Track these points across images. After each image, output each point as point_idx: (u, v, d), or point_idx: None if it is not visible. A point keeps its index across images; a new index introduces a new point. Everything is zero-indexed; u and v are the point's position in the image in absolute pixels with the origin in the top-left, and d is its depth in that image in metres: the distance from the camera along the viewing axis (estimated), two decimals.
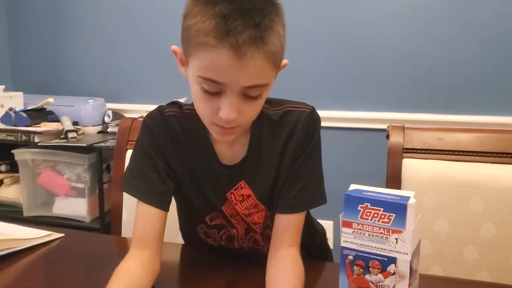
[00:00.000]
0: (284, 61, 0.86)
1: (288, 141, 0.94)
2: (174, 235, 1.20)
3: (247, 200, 0.96)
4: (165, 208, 0.92)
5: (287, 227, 0.93)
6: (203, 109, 0.83)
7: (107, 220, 2.23)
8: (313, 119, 0.95)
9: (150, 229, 0.89)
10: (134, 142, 1.35)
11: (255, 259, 0.98)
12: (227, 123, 0.81)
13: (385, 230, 0.67)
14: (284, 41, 0.81)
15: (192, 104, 0.96)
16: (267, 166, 0.95)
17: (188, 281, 0.95)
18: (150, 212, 0.90)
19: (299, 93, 0.96)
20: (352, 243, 0.70)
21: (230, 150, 0.95)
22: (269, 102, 0.95)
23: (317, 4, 2.25)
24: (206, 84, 0.78)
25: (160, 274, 0.87)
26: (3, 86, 2.53)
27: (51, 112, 2.48)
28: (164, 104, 0.99)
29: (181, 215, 1.09)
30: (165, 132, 0.94)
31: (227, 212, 0.97)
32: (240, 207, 0.96)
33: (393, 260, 0.67)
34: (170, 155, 0.94)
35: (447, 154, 1.20)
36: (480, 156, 1.18)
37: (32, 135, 2.26)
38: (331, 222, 2.07)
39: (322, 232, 1.23)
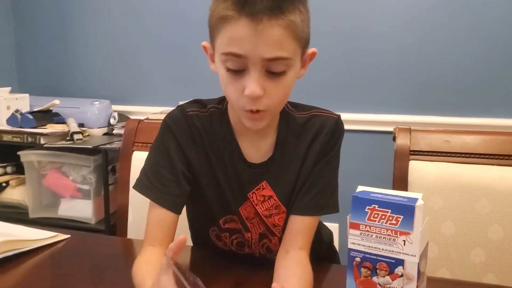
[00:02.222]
0: (312, 49, 0.88)
1: (312, 144, 0.95)
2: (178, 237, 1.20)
3: (268, 201, 0.96)
4: (178, 211, 0.92)
5: (301, 229, 0.93)
6: (230, 92, 0.84)
7: (113, 222, 2.23)
8: (339, 126, 0.96)
9: (162, 231, 0.90)
10: (140, 144, 1.38)
11: (261, 262, 0.98)
12: (253, 103, 0.81)
13: (393, 232, 0.67)
14: (307, 22, 0.83)
15: (217, 101, 0.97)
16: (290, 168, 0.95)
17: None
18: (163, 214, 0.90)
19: (304, 95, 0.96)
20: (360, 245, 0.70)
21: (255, 149, 0.95)
22: (296, 106, 0.97)
23: (324, 8, 2.25)
24: (230, 61, 0.80)
25: None
26: (9, 88, 2.54)
27: (57, 114, 2.49)
28: (185, 102, 0.98)
29: (194, 216, 1.08)
30: (186, 132, 0.93)
31: (243, 214, 0.97)
32: (261, 208, 0.96)
33: (400, 262, 0.67)
34: (191, 155, 0.93)
35: (453, 156, 1.20)
36: (487, 158, 1.17)
37: (38, 136, 2.26)
38: (337, 225, 2.06)
39: (330, 235, 1.23)
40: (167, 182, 0.91)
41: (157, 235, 0.90)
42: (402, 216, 0.66)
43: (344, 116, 0.99)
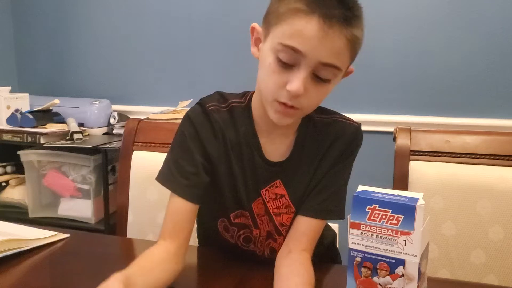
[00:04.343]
0: (351, 68, 0.89)
1: (330, 148, 0.95)
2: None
3: (280, 199, 0.96)
4: (197, 201, 0.92)
5: (307, 230, 0.93)
6: (271, 82, 0.83)
7: (112, 222, 2.23)
8: (359, 135, 0.97)
9: (179, 223, 0.90)
10: (139, 144, 1.38)
11: (262, 261, 0.97)
12: (291, 99, 0.81)
13: (394, 231, 0.66)
14: (362, 42, 0.84)
15: (240, 96, 0.97)
16: (305, 170, 0.96)
17: (194, 281, 0.95)
18: (182, 205, 0.90)
19: None
20: (360, 244, 0.69)
21: (274, 147, 0.95)
22: (317, 108, 0.96)
23: None
24: (284, 53, 0.80)
25: None
26: (9, 87, 2.54)
27: (57, 114, 2.49)
28: (205, 97, 0.97)
29: (204, 209, 1.06)
30: (207, 126, 0.93)
31: (255, 211, 0.97)
32: (272, 205, 0.96)
33: (401, 262, 0.67)
34: (210, 148, 0.93)
35: (454, 157, 1.20)
36: (487, 158, 1.17)
37: (38, 136, 2.26)
38: (337, 225, 2.06)
39: (332, 236, 1.23)
40: (188, 174, 0.91)
41: (173, 227, 0.89)
42: (403, 216, 0.66)
43: None
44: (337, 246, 1.27)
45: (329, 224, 1.22)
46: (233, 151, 0.94)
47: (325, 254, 1.17)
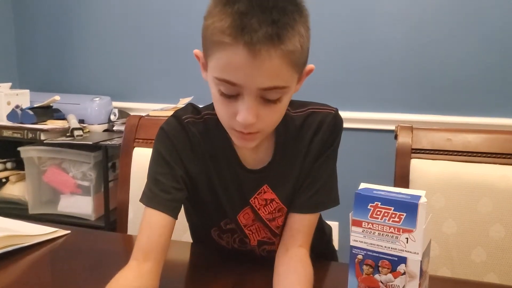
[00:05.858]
0: (310, 66, 0.85)
1: (312, 141, 0.93)
2: (180, 234, 1.20)
3: (271, 204, 0.94)
4: (175, 215, 0.88)
5: (300, 227, 0.92)
6: (222, 112, 0.81)
7: (112, 219, 2.23)
8: (338, 122, 0.94)
9: (155, 240, 0.84)
10: (140, 140, 1.37)
11: (261, 261, 0.97)
12: (245, 128, 0.78)
13: (396, 229, 0.66)
14: (307, 43, 0.79)
15: (212, 108, 0.93)
16: (291, 169, 0.94)
17: (194, 281, 0.95)
18: (160, 219, 0.85)
19: (305, 94, 0.96)
20: (362, 242, 0.69)
21: (253, 154, 0.93)
22: (291, 103, 0.94)
23: (323, 5, 2.25)
24: (223, 86, 0.76)
25: (166, 273, 0.86)
26: (9, 84, 2.54)
27: (57, 110, 2.49)
28: (179, 109, 0.95)
29: (194, 220, 1.06)
30: (184, 139, 0.91)
31: (241, 222, 0.96)
32: (264, 212, 0.95)
33: (403, 260, 0.66)
34: (189, 162, 0.90)
35: (456, 155, 1.19)
36: (489, 157, 1.17)
37: (38, 132, 2.26)
38: (337, 223, 2.06)
39: (329, 230, 1.22)
40: (168, 188, 0.87)
41: (147, 244, 0.83)
42: (405, 214, 0.65)
43: (346, 114, 0.98)
44: (334, 243, 1.26)
45: (327, 221, 1.22)
46: (212, 164, 0.92)
47: (324, 249, 1.16)
